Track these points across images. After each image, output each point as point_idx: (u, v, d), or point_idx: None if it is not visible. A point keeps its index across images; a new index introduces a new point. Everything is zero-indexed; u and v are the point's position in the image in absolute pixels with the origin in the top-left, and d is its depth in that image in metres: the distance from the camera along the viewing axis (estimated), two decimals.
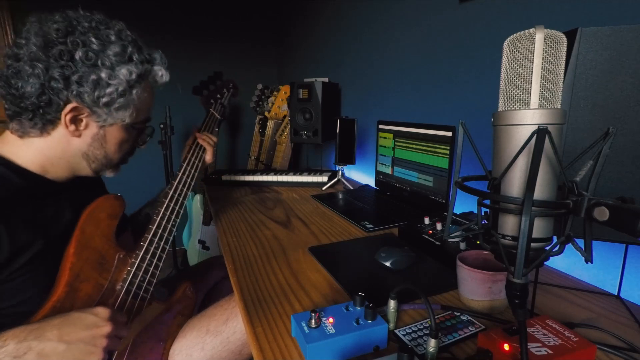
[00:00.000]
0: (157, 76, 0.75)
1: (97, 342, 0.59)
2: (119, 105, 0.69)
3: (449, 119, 1.17)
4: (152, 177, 2.44)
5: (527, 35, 0.35)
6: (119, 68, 0.67)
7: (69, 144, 0.70)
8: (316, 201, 1.30)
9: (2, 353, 0.52)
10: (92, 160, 0.74)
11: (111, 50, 0.66)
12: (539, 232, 0.37)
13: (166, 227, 0.85)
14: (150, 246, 0.80)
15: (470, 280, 0.61)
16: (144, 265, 0.78)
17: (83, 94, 0.65)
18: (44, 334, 0.56)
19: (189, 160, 0.98)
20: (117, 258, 0.75)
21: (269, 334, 0.56)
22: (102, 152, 0.74)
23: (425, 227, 0.90)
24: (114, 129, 0.73)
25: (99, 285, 0.72)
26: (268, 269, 0.77)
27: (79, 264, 0.70)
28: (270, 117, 2.18)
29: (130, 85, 0.69)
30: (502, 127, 0.38)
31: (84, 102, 0.66)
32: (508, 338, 0.44)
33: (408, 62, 1.37)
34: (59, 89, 0.64)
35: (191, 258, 2.26)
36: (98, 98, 0.66)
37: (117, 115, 0.70)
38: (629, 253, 0.66)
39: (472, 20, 1.06)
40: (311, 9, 2.24)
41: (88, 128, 0.70)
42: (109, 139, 0.73)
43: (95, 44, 0.65)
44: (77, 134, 0.69)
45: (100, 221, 0.75)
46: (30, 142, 0.69)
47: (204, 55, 2.62)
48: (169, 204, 0.88)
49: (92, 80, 0.65)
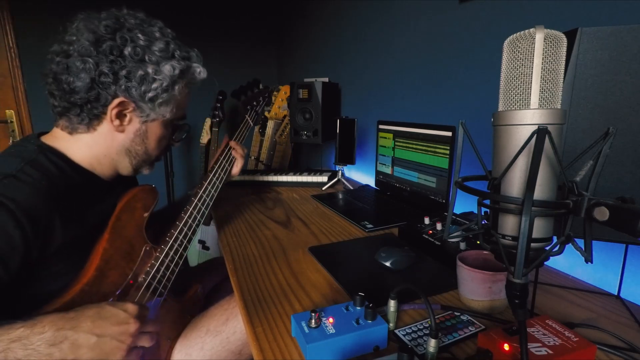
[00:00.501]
0: (195, 73, 0.77)
1: (124, 338, 0.60)
2: (162, 100, 0.71)
3: (449, 119, 1.17)
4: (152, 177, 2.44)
5: (527, 35, 0.35)
6: (164, 64, 0.69)
7: (114, 140, 0.72)
8: (316, 201, 1.30)
9: (41, 340, 0.53)
10: (133, 156, 0.76)
11: (156, 47, 0.68)
12: (539, 232, 0.37)
13: (192, 225, 0.85)
14: (175, 242, 0.81)
15: (470, 280, 0.61)
16: (166, 261, 0.78)
17: (131, 89, 0.67)
18: (80, 324, 0.57)
19: (218, 166, 1.01)
20: (144, 250, 0.76)
21: (269, 334, 0.56)
22: (143, 147, 0.76)
23: (425, 227, 0.90)
24: (155, 125, 0.75)
25: (124, 274, 0.73)
26: (268, 269, 0.77)
27: (111, 250, 0.71)
28: (270, 117, 2.18)
29: (173, 80, 0.71)
30: (502, 127, 0.38)
31: (131, 97, 0.68)
32: (508, 338, 0.44)
33: (408, 62, 1.37)
34: (108, 83, 0.66)
35: (191, 258, 2.26)
36: (145, 93, 0.68)
37: (160, 111, 0.72)
38: (629, 253, 0.66)
39: (472, 20, 1.06)
40: (311, 9, 2.24)
41: (131, 123, 0.72)
42: (149, 134, 0.75)
43: (142, 40, 0.67)
44: (121, 129, 0.71)
45: (135, 210, 0.77)
46: (79, 138, 0.71)
47: (204, 55, 2.60)
48: (197, 203, 0.89)
49: (140, 75, 0.67)
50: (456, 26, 1.12)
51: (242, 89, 1.29)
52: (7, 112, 2.27)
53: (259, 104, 1.26)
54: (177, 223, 0.83)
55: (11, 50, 2.20)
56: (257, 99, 1.26)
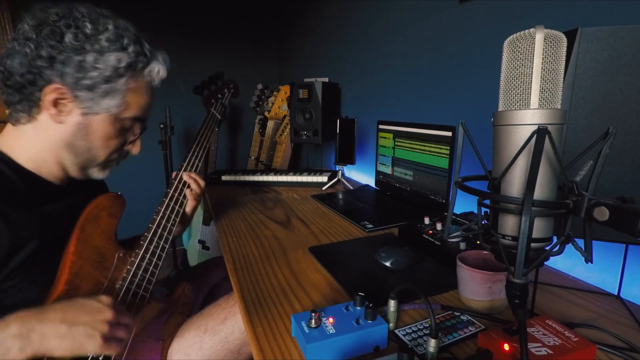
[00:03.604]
0: (153, 72, 0.73)
1: (97, 326, 0.59)
2: (103, 91, 0.67)
3: (449, 119, 1.17)
4: (151, 177, 2.44)
5: (527, 35, 0.35)
6: (109, 54, 0.66)
7: (55, 132, 0.69)
8: (316, 201, 1.30)
9: (7, 336, 0.53)
10: (75, 153, 0.72)
11: (103, 36, 0.65)
12: (539, 232, 0.37)
13: (166, 226, 0.85)
14: (150, 245, 0.80)
15: (470, 280, 0.61)
16: (143, 264, 0.78)
17: (65, 75, 0.64)
18: (47, 315, 0.57)
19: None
20: (117, 257, 0.75)
21: (269, 334, 0.56)
22: (85, 143, 0.71)
23: (425, 227, 0.90)
24: (100, 120, 0.70)
25: (98, 284, 0.72)
26: (268, 269, 0.77)
27: (79, 262, 0.70)
28: (270, 117, 2.17)
29: (118, 73, 0.67)
30: (502, 127, 0.38)
31: (65, 83, 0.65)
32: (508, 338, 0.44)
33: (408, 62, 1.37)
34: (43, 67, 0.63)
35: (191, 258, 2.26)
36: (80, 80, 0.65)
37: (103, 104, 0.68)
38: (629, 253, 0.66)
39: (472, 20, 1.06)
40: (311, 9, 2.24)
41: (71, 115, 0.68)
42: (93, 130, 0.71)
43: (89, 29, 0.65)
44: (60, 119, 0.68)
45: (100, 219, 0.75)
46: (22, 131, 0.69)
47: (205, 55, 2.62)
48: (169, 203, 0.88)
49: (77, 61, 0.64)
50: (456, 26, 1.12)
51: (205, 84, 1.28)
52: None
53: (224, 97, 1.24)
54: (150, 225, 0.82)
55: None
56: (221, 92, 1.24)
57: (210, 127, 1.12)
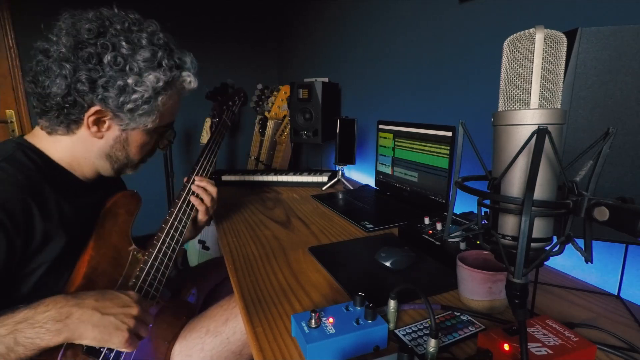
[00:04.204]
0: (185, 82, 0.74)
1: (126, 320, 0.60)
2: (143, 112, 0.69)
3: (449, 119, 1.17)
4: (152, 177, 2.44)
5: (527, 35, 0.35)
6: (147, 74, 0.66)
7: (93, 144, 0.71)
8: (316, 201, 1.30)
9: (46, 317, 0.54)
10: (114, 161, 0.75)
11: (141, 56, 0.65)
12: (539, 232, 0.37)
13: (178, 227, 0.85)
14: (163, 245, 0.81)
15: (470, 280, 0.61)
16: (156, 264, 0.79)
17: (108, 99, 0.65)
18: (84, 301, 0.58)
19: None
20: (131, 255, 0.76)
21: (269, 334, 0.56)
22: (123, 153, 0.75)
23: (425, 227, 0.90)
24: (136, 132, 0.73)
25: (113, 280, 0.73)
26: (268, 269, 0.77)
27: (97, 257, 0.71)
28: (270, 117, 2.17)
29: (156, 92, 0.69)
30: (502, 127, 0.38)
31: (108, 107, 0.66)
32: (508, 338, 0.44)
33: (408, 62, 1.37)
34: (84, 91, 0.64)
35: (191, 258, 2.26)
36: (123, 104, 0.66)
37: (140, 121, 0.70)
38: (629, 253, 0.66)
39: (472, 20, 1.06)
40: (311, 9, 2.24)
41: (110, 130, 0.71)
42: (131, 141, 0.74)
43: (125, 48, 0.64)
44: (100, 135, 0.70)
45: (118, 216, 0.77)
46: (58, 139, 0.70)
47: (205, 55, 2.60)
48: (181, 205, 0.89)
49: (119, 86, 0.65)
50: (456, 26, 1.12)
51: (217, 90, 1.30)
52: (7, 112, 2.27)
53: (234, 104, 1.27)
54: (162, 226, 0.83)
55: (11, 50, 2.20)
56: (232, 99, 1.27)
57: (221, 133, 1.14)
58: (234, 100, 1.27)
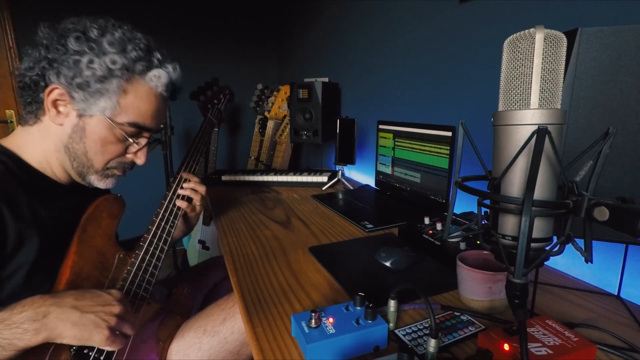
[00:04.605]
0: (155, 77, 0.71)
1: (106, 318, 0.60)
2: (95, 90, 0.66)
3: (449, 119, 1.17)
4: (152, 177, 2.44)
5: (527, 35, 0.35)
6: (105, 56, 0.66)
7: (55, 134, 0.70)
8: (316, 201, 1.30)
9: (22, 317, 0.54)
10: (72, 156, 0.71)
11: (106, 39, 0.66)
12: (539, 232, 0.37)
13: (165, 227, 0.85)
14: (150, 246, 0.81)
15: (470, 280, 0.61)
16: (143, 265, 0.78)
17: (61, 75, 0.66)
18: (62, 300, 0.58)
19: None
20: (117, 257, 0.76)
21: (269, 334, 0.56)
22: (81, 147, 0.70)
23: (425, 227, 0.90)
24: (95, 122, 0.69)
25: (99, 284, 0.72)
26: (268, 269, 0.77)
27: (81, 262, 0.70)
28: (270, 117, 2.17)
29: (111, 73, 0.67)
30: (502, 127, 0.38)
31: (60, 82, 0.66)
32: (508, 338, 0.44)
33: (408, 62, 1.37)
34: (45, 68, 0.66)
35: (191, 258, 2.26)
36: (73, 78, 0.66)
37: (97, 105, 0.67)
38: (629, 253, 0.66)
39: (472, 20, 1.06)
40: (311, 9, 2.24)
41: (69, 117, 0.69)
42: (88, 132, 0.70)
43: (94, 34, 0.66)
44: (59, 121, 0.69)
45: (101, 220, 0.76)
46: (28, 132, 0.71)
47: (205, 56, 2.62)
48: (167, 205, 0.88)
49: (73, 61, 0.65)
50: (456, 26, 1.12)
51: (201, 89, 1.29)
52: (7, 112, 2.26)
53: (220, 102, 1.25)
54: (149, 227, 0.83)
55: (11, 50, 2.20)
56: (217, 97, 1.26)
57: (207, 131, 1.13)
58: (219, 98, 1.26)
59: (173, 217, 0.88)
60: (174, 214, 0.89)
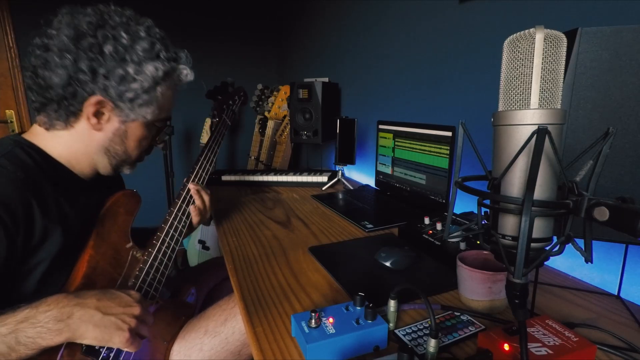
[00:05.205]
0: (181, 75, 0.75)
1: (127, 320, 0.60)
2: (143, 101, 0.69)
3: (449, 119, 1.17)
4: (152, 176, 2.44)
5: (527, 35, 0.35)
6: (146, 64, 0.67)
7: (92, 139, 0.71)
8: (316, 201, 1.30)
9: (48, 317, 0.54)
10: (112, 156, 0.74)
11: (140, 46, 0.67)
12: (539, 232, 0.37)
13: (177, 227, 0.86)
14: (163, 245, 0.81)
15: (470, 280, 0.61)
16: (155, 264, 0.79)
17: (109, 88, 0.66)
18: (85, 301, 0.58)
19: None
20: (131, 255, 0.76)
21: (269, 334, 0.56)
22: (122, 147, 0.74)
23: (425, 227, 0.90)
24: (135, 125, 0.73)
25: (112, 280, 0.73)
26: (268, 269, 0.77)
27: (97, 257, 0.71)
28: (270, 117, 2.17)
29: (155, 82, 0.69)
30: (502, 127, 0.38)
31: (108, 96, 0.67)
32: (508, 338, 0.44)
33: (408, 62, 1.37)
34: (85, 81, 0.64)
35: (191, 258, 2.26)
36: (123, 93, 0.67)
37: (140, 112, 0.70)
38: (629, 253, 0.66)
39: (472, 20, 1.06)
40: (311, 9, 2.24)
41: (110, 122, 0.71)
42: (129, 135, 0.74)
43: (125, 39, 0.66)
44: (99, 127, 0.70)
45: (118, 216, 0.77)
46: (56, 135, 0.70)
47: (205, 55, 2.62)
48: (181, 205, 0.89)
49: (119, 75, 0.65)
50: (456, 26, 1.12)
51: (217, 89, 1.30)
52: (7, 112, 2.26)
53: (235, 103, 1.27)
54: (162, 225, 0.83)
55: (11, 50, 2.20)
56: (232, 98, 1.27)
57: (221, 132, 1.14)
58: (234, 99, 1.27)
59: (186, 217, 0.89)
60: (187, 214, 0.89)
